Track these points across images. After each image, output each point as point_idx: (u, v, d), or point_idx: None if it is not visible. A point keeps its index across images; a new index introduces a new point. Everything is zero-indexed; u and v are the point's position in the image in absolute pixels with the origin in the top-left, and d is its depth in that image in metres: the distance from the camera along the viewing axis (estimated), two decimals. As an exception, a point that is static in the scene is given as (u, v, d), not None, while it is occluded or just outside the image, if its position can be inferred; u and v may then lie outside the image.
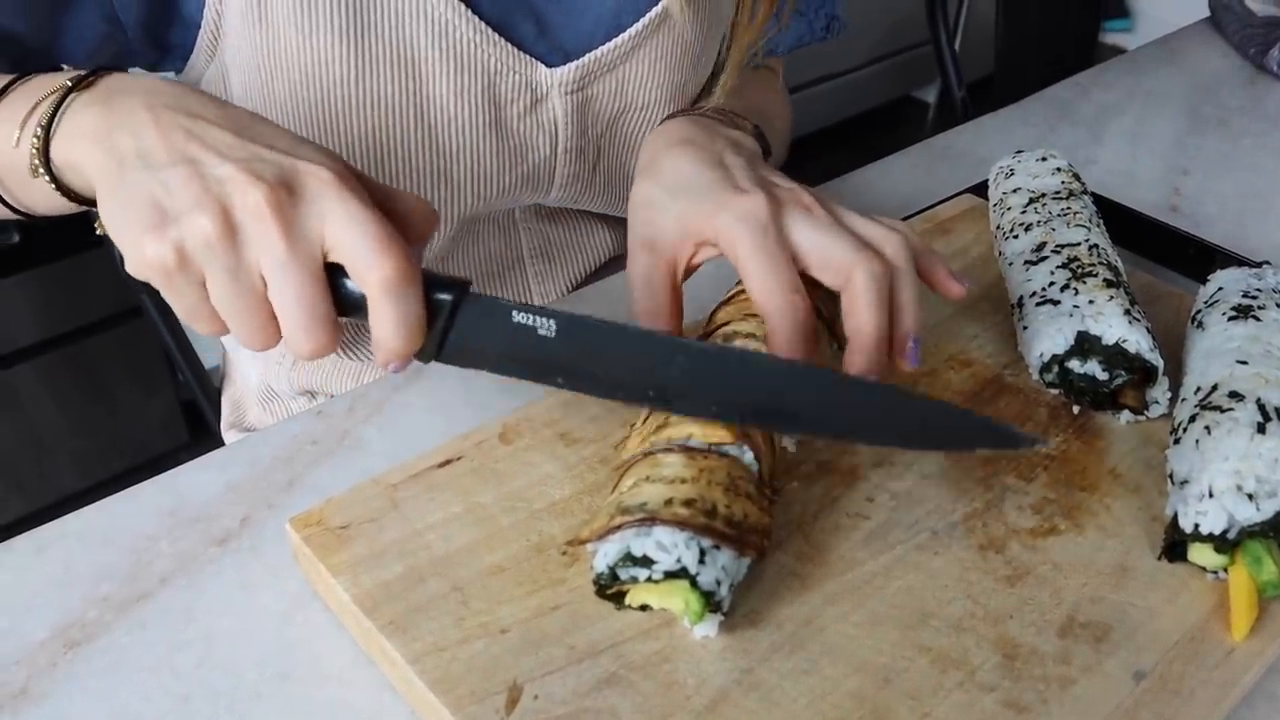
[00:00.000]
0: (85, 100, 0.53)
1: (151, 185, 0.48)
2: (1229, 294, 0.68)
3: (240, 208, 0.47)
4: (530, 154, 0.76)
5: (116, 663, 0.53)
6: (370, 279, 0.48)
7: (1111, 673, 0.51)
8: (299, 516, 0.57)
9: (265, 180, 0.47)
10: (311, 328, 0.49)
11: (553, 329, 0.52)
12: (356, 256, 0.48)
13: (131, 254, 0.49)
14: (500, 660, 0.49)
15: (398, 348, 0.50)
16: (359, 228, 0.48)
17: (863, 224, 0.59)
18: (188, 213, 0.47)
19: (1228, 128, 1.14)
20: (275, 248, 0.47)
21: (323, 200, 0.48)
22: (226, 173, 0.48)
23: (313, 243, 0.48)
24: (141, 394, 1.92)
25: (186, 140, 0.49)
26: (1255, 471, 0.54)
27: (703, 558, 0.48)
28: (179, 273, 0.48)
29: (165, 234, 0.47)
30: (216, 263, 0.48)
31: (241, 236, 0.47)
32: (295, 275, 0.48)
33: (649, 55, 0.76)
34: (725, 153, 0.64)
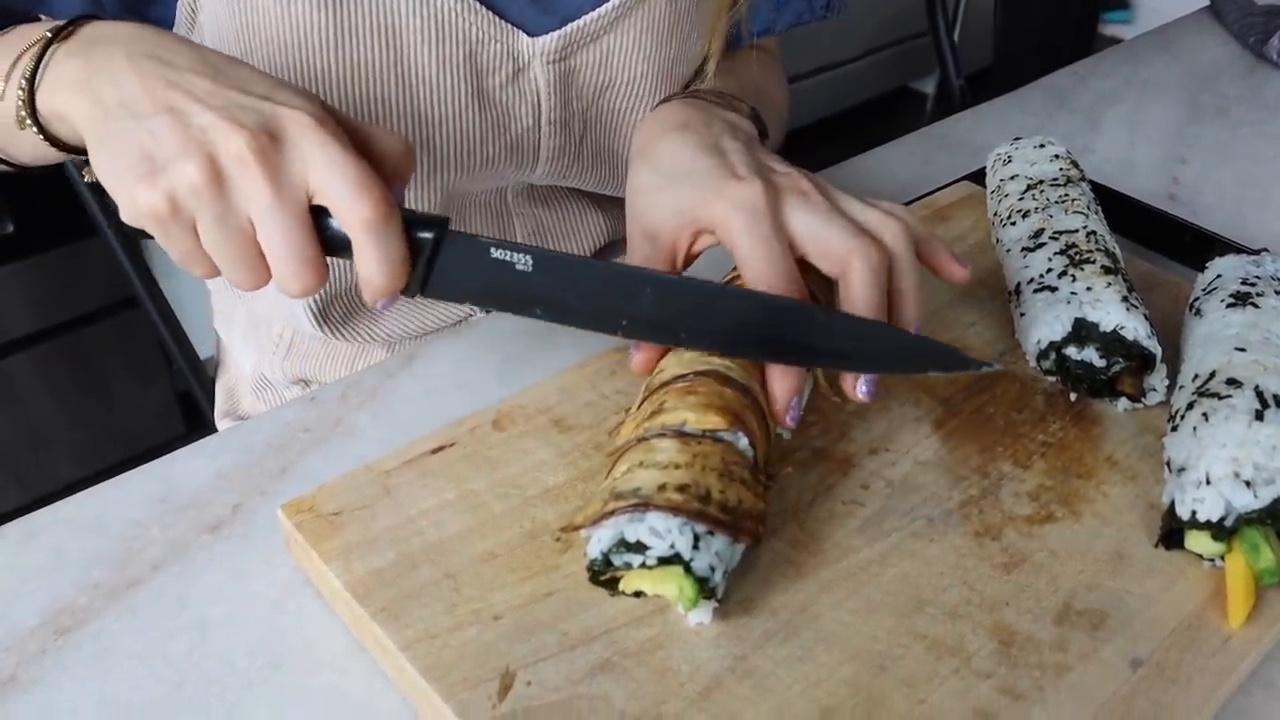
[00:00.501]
0: (66, 51, 0.54)
1: (138, 134, 0.50)
2: (1227, 281, 0.67)
3: (224, 155, 0.49)
4: (513, 124, 0.75)
5: (107, 650, 0.53)
6: (352, 220, 0.50)
7: (1108, 660, 0.50)
8: (291, 503, 0.56)
9: (246, 127, 0.49)
10: (299, 269, 0.51)
11: (529, 264, 0.54)
12: (338, 199, 0.50)
13: (125, 203, 0.50)
14: (493, 647, 0.49)
15: (382, 285, 0.52)
16: (339, 171, 0.49)
17: (861, 210, 0.58)
18: (175, 161, 0.49)
19: (1226, 116, 1.14)
20: (261, 193, 0.49)
21: (303, 144, 0.50)
22: (208, 121, 0.49)
23: (297, 187, 0.50)
24: (137, 384, 1.91)
25: (167, 89, 0.50)
26: (1253, 458, 0.53)
27: (697, 543, 0.48)
28: (172, 220, 0.50)
29: (156, 183, 0.49)
30: (206, 209, 0.49)
31: (228, 183, 0.49)
32: (281, 219, 0.50)
33: (634, 28, 0.76)
34: (722, 137, 0.64)
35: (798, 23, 0.87)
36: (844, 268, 0.55)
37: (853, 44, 3.12)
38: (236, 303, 0.93)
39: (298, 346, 0.90)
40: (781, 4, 0.85)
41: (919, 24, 2.39)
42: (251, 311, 0.91)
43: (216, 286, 0.96)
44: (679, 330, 0.55)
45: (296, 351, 0.90)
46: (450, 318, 0.87)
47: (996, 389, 0.67)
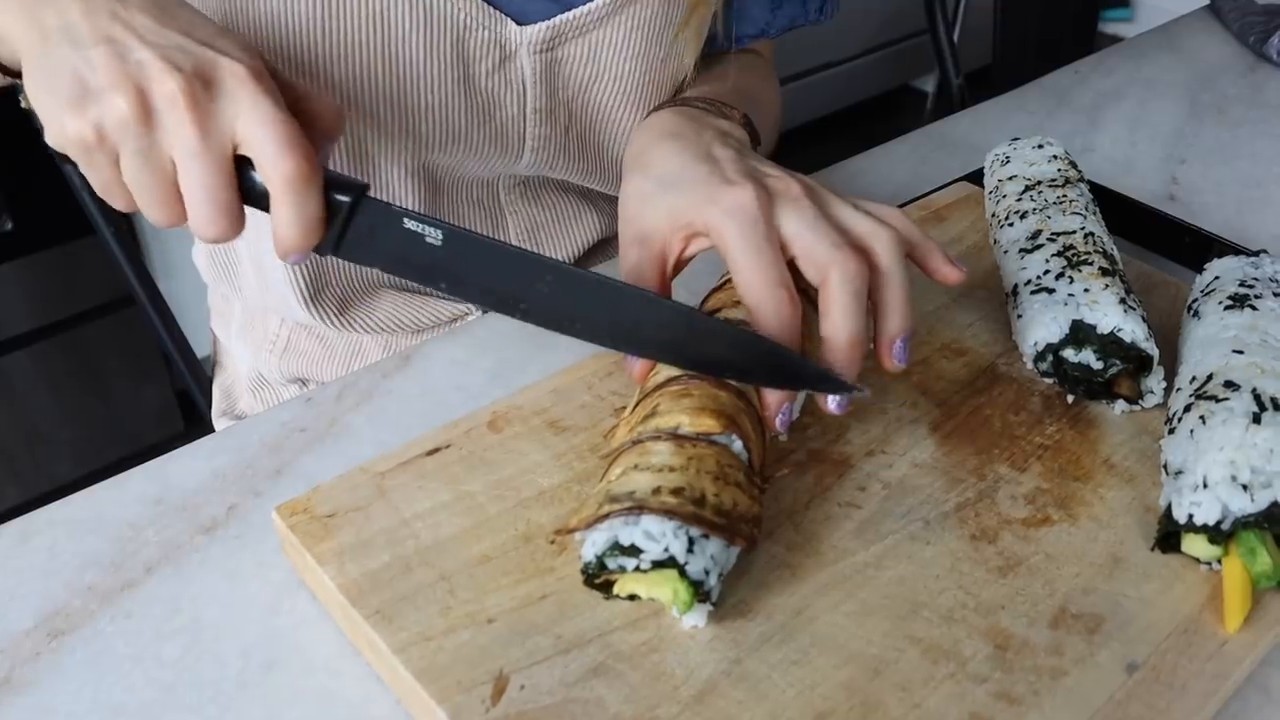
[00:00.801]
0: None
1: (75, 61, 0.50)
2: (1225, 283, 0.67)
3: (157, 94, 0.49)
4: (498, 111, 0.75)
5: (101, 652, 0.52)
6: (274, 175, 0.51)
7: (1104, 664, 0.50)
8: (285, 505, 0.56)
9: (182, 70, 0.50)
10: (214, 216, 0.51)
11: (439, 238, 0.55)
12: (263, 153, 0.50)
13: (52, 126, 0.51)
14: (487, 650, 0.49)
15: (294, 242, 0.53)
16: (268, 126, 0.50)
17: (854, 216, 0.58)
18: (106, 92, 0.49)
19: (1226, 116, 1.14)
20: (187, 137, 0.50)
21: (237, 95, 0.50)
22: (146, 58, 0.50)
23: (224, 134, 0.50)
24: (136, 382, 1.91)
25: (110, 21, 0.51)
26: (1250, 462, 0.53)
27: (691, 547, 0.48)
28: (97, 149, 0.50)
29: (85, 111, 0.49)
30: (130, 144, 0.50)
31: (155, 121, 0.50)
32: (203, 165, 0.50)
33: (625, 25, 0.75)
34: (714, 144, 0.64)
35: (792, 26, 0.87)
36: (823, 279, 0.56)
37: (853, 42, 3.12)
38: (233, 300, 0.93)
39: (294, 345, 0.90)
40: (776, 7, 0.85)
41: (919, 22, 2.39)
42: (248, 307, 0.91)
43: (214, 286, 0.96)
44: (574, 320, 0.55)
45: (293, 350, 0.90)
46: (446, 314, 0.87)
47: (994, 391, 0.67)
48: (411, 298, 0.86)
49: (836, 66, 3.10)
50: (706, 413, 0.51)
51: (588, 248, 0.92)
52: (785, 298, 0.55)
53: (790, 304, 0.55)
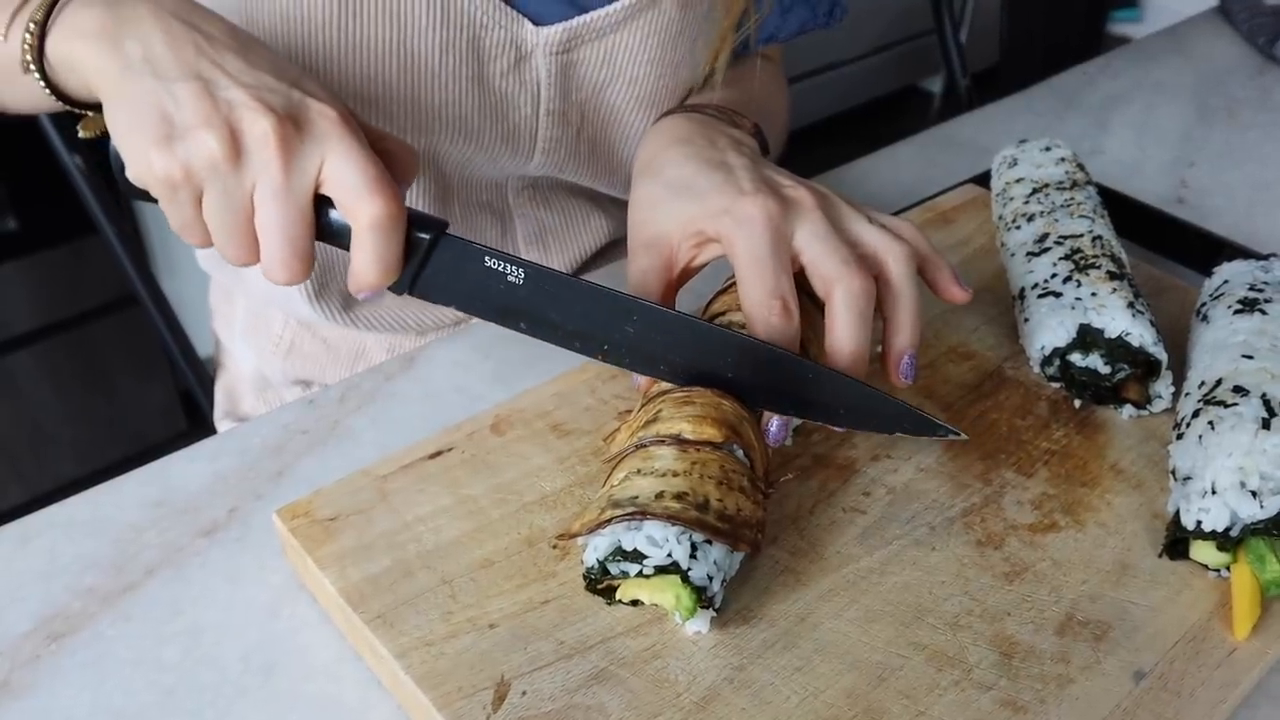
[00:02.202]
0: (83, 1, 0.53)
1: (160, 95, 0.50)
2: (1235, 287, 0.66)
3: (248, 134, 0.49)
4: (512, 112, 0.75)
5: (100, 655, 0.52)
6: (360, 215, 0.50)
7: (1111, 672, 0.50)
8: (286, 508, 0.56)
9: (275, 111, 0.50)
10: (289, 259, 0.51)
11: (521, 276, 0.54)
12: (349, 193, 0.50)
13: (137, 163, 0.51)
14: (488, 655, 0.49)
15: (373, 280, 0.53)
16: (357, 166, 0.50)
17: (866, 229, 0.58)
18: (195, 129, 0.49)
19: (1236, 118, 1.13)
20: (272, 178, 0.50)
21: (327, 139, 0.50)
22: (237, 97, 0.50)
23: (308, 177, 0.50)
24: (140, 381, 1.91)
25: (197, 56, 0.51)
26: (1259, 468, 0.53)
27: (694, 553, 0.47)
28: (182, 187, 0.50)
29: (173, 149, 0.49)
30: (217, 183, 0.50)
31: (243, 161, 0.49)
32: (284, 207, 0.50)
33: (642, 29, 0.75)
34: (727, 152, 0.63)
35: (802, 31, 0.87)
36: (828, 294, 0.56)
37: (860, 42, 3.12)
38: (236, 295, 0.93)
39: (298, 347, 0.89)
40: (786, 12, 0.84)
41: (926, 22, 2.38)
42: (251, 302, 0.91)
43: (216, 278, 0.95)
44: (659, 362, 0.55)
45: (297, 352, 0.90)
46: (450, 316, 0.87)
47: (1000, 395, 0.66)
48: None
49: (843, 67, 3.09)
50: (708, 421, 0.51)
51: (595, 251, 0.91)
52: (779, 309, 0.54)
53: (783, 316, 0.54)
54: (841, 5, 0.89)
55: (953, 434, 0.55)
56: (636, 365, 0.56)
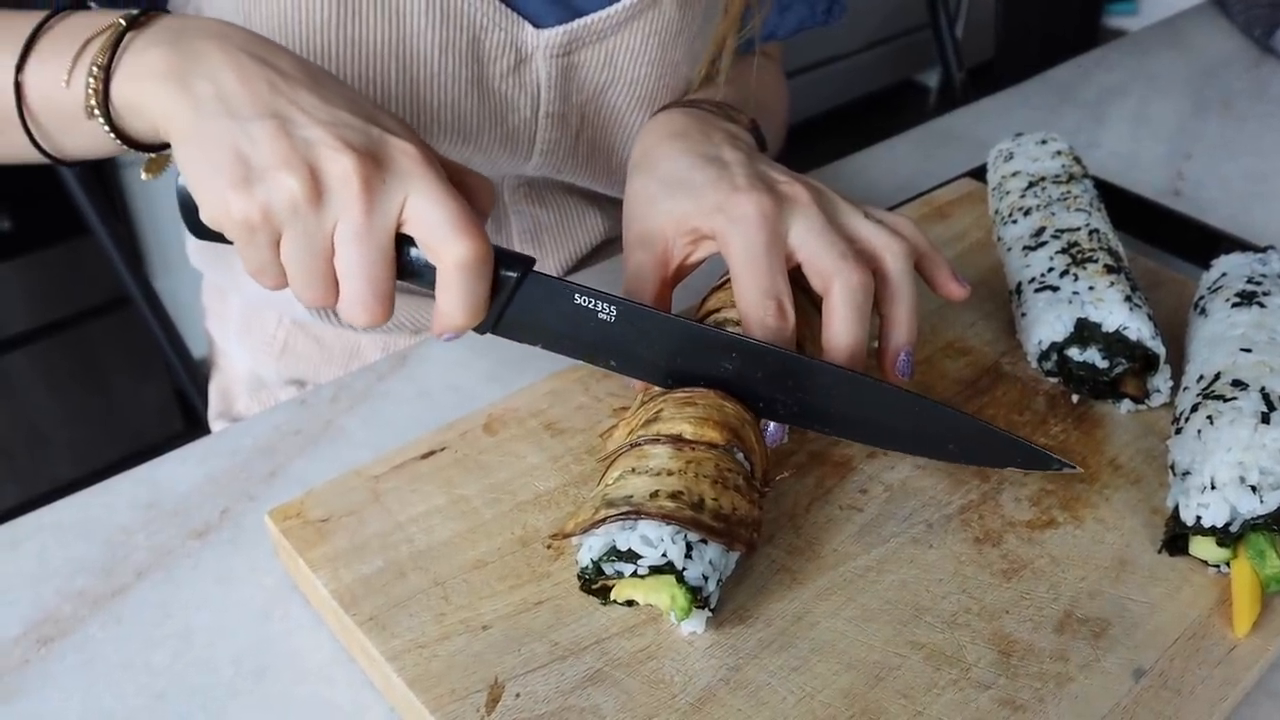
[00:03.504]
0: (147, 39, 0.51)
1: (235, 135, 0.48)
2: (1232, 280, 0.66)
3: (329, 174, 0.48)
4: (510, 114, 0.75)
5: (91, 659, 0.52)
6: (447, 257, 0.49)
7: (1110, 670, 0.49)
8: (278, 509, 0.55)
9: (355, 149, 0.48)
10: (370, 301, 0.50)
11: (613, 314, 0.53)
12: (434, 233, 0.49)
13: (214, 205, 0.49)
14: (481, 657, 0.48)
15: (461, 323, 0.51)
16: (441, 205, 0.49)
17: (863, 225, 0.58)
18: (274, 170, 0.47)
19: (1232, 110, 1.12)
20: (354, 218, 0.48)
21: (409, 177, 0.49)
22: (316, 135, 0.48)
23: (390, 216, 0.49)
24: (136, 381, 1.90)
25: (271, 92, 0.49)
26: (1259, 463, 0.52)
27: (690, 552, 0.47)
28: (261, 229, 0.49)
29: (252, 191, 0.48)
30: (297, 224, 0.48)
31: (324, 201, 0.48)
32: (366, 248, 0.49)
33: (642, 30, 0.74)
34: (723, 147, 0.63)
35: (800, 28, 0.87)
36: (826, 289, 0.55)
37: (856, 36, 3.11)
38: (229, 294, 0.92)
39: (292, 347, 0.89)
40: (784, 10, 0.84)
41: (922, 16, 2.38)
42: (246, 300, 0.90)
43: (208, 276, 0.95)
44: (760, 399, 0.54)
45: (291, 351, 0.89)
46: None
47: (997, 391, 0.66)
48: (411, 297, 0.85)
49: (840, 61, 3.09)
50: (710, 424, 0.50)
51: (591, 249, 0.91)
52: (774, 309, 0.54)
53: (778, 315, 0.54)
54: (840, 3, 0.88)
55: (1067, 468, 0.54)
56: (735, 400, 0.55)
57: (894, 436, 0.54)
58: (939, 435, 0.53)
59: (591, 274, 0.83)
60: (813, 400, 0.54)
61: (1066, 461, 0.54)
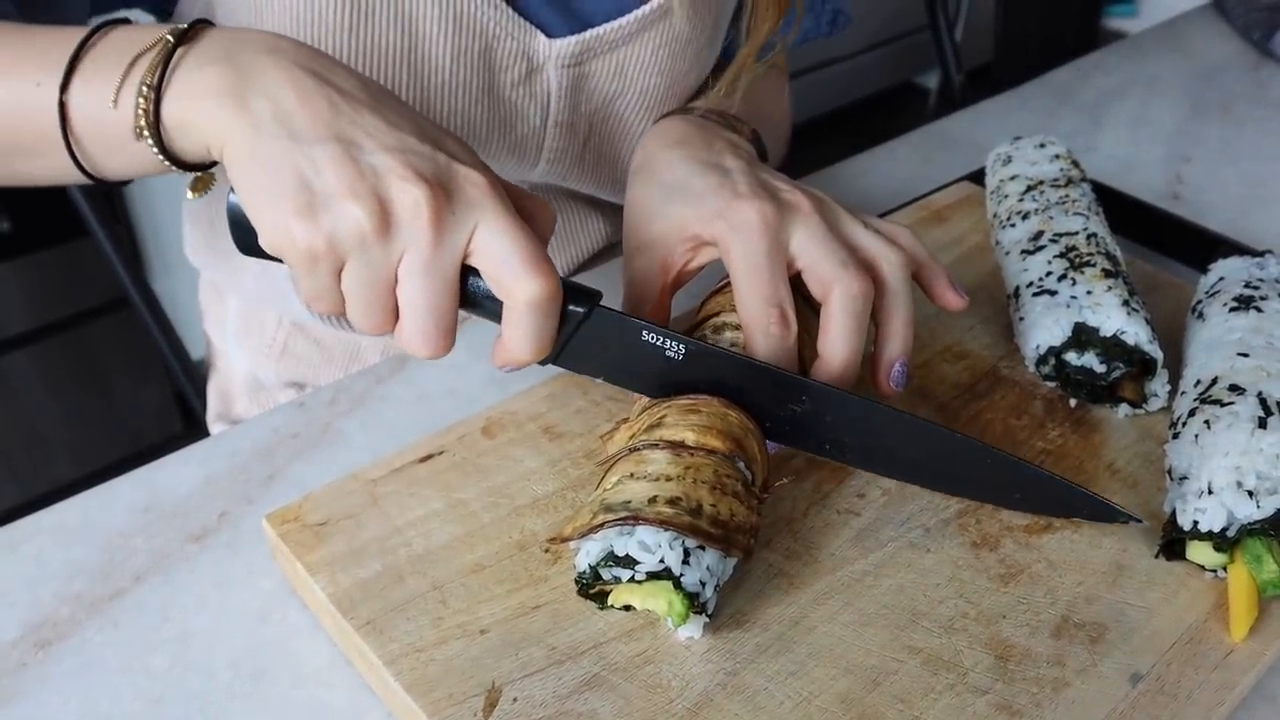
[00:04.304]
0: (198, 56, 0.49)
1: (297, 159, 0.46)
2: (1230, 284, 0.66)
3: (398, 204, 0.46)
4: (520, 123, 0.74)
5: (88, 663, 0.52)
6: (517, 294, 0.48)
7: (1107, 675, 0.49)
8: (276, 513, 0.55)
9: (425, 179, 0.47)
10: (433, 334, 0.49)
11: (681, 353, 0.53)
12: (504, 270, 0.48)
13: (276, 233, 0.47)
14: (479, 661, 0.48)
15: (526, 359, 0.50)
16: (511, 241, 0.47)
17: (863, 234, 0.58)
18: (340, 199, 0.46)
19: (1231, 114, 1.12)
20: (421, 251, 0.47)
21: (478, 208, 0.48)
22: (383, 163, 0.47)
23: (457, 249, 0.48)
24: (135, 382, 1.91)
25: (333, 113, 0.48)
26: (1256, 467, 0.52)
27: (687, 558, 0.47)
28: (324, 259, 0.47)
29: (317, 220, 0.46)
30: (363, 255, 0.47)
31: (392, 233, 0.47)
32: (432, 281, 0.47)
33: (653, 41, 0.74)
34: (724, 155, 0.63)
35: (805, 39, 0.87)
36: (825, 296, 0.55)
37: (856, 38, 3.11)
38: (228, 298, 0.92)
39: (291, 349, 0.89)
40: (789, 21, 0.84)
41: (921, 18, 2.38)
42: (245, 300, 0.90)
43: (205, 275, 0.94)
44: (826, 441, 0.55)
45: (290, 354, 0.89)
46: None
47: (995, 395, 0.66)
48: None
49: (839, 63, 3.09)
50: (713, 432, 0.50)
51: (592, 254, 0.91)
52: (777, 316, 0.54)
53: (780, 323, 0.54)
54: (844, 14, 0.88)
55: (1134, 520, 0.54)
56: (801, 443, 0.55)
57: (963, 483, 0.55)
58: (1006, 484, 0.54)
59: (592, 277, 0.83)
60: (880, 445, 0.54)
61: (1133, 514, 0.54)
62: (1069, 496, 0.54)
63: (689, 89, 0.80)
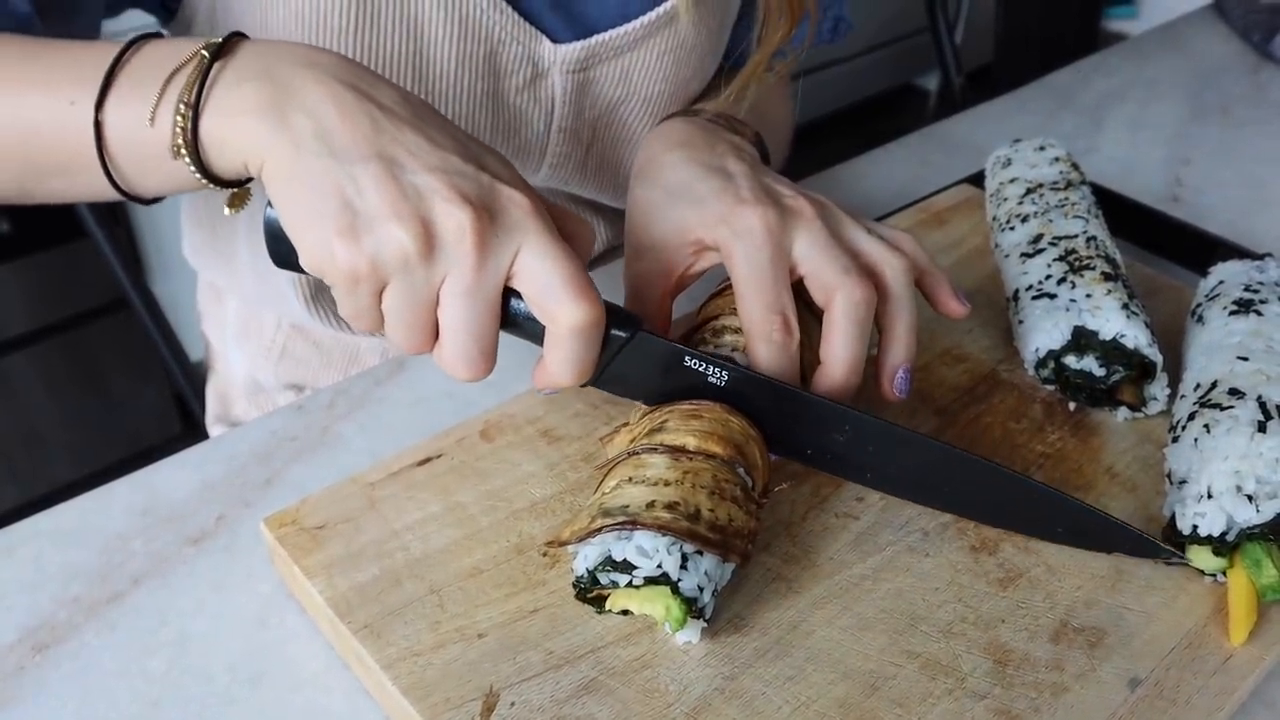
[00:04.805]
0: (236, 72, 0.49)
1: (339, 177, 0.46)
2: (1230, 287, 0.66)
3: (442, 227, 0.46)
4: (524, 128, 0.74)
5: (86, 667, 0.52)
6: (561, 319, 0.48)
7: (1106, 679, 0.49)
8: (274, 516, 0.55)
9: (470, 202, 0.46)
10: (474, 356, 0.49)
11: (724, 379, 0.53)
12: (547, 295, 0.47)
13: (317, 253, 0.47)
14: (477, 666, 0.48)
15: (567, 382, 0.50)
16: (556, 266, 0.47)
17: (865, 240, 0.58)
18: (383, 221, 0.45)
19: (1230, 116, 1.12)
20: (464, 274, 0.46)
21: (521, 231, 0.47)
22: (427, 183, 0.46)
23: (500, 272, 0.47)
24: (135, 384, 1.91)
25: (374, 131, 0.47)
26: (1255, 472, 0.52)
27: (685, 563, 0.47)
28: (366, 280, 0.47)
29: (359, 241, 0.46)
30: (405, 277, 0.46)
31: (436, 256, 0.46)
32: (474, 304, 0.47)
33: (658, 47, 0.74)
34: (727, 158, 0.63)
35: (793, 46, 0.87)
36: (828, 301, 0.55)
37: (856, 40, 3.11)
38: (227, 300, 0.92)
39: (290, 352, 0.89)
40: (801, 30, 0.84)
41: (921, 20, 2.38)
42: (244, 301, 0.90)
43: (203, 276, 0.94)
44: (867, 470, 0.55)
45: (290, 356, 0.89)
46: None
47: (994, 399, 0.66)
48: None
49: (839, 64, 3.09)
50: (714, 438, 0.50)
51: (593, 257, 0.91)
52: (780, 323, 0.54)
53: (784, 330, 0.54)
54: (845, 21, 0.88)
55: (1178, 560, 0.53)
56: (843, 472, 0.56)
57: (1007, 516, 0.55)
58: (1051, 518, 0.54)
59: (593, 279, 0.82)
60: (924, 477, 0.55)
61: (1177, 554, 0.53)
62: (1113, 532, 0.54)
63: (692, 95, 0.80)
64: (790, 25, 0.70)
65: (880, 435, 0.54)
